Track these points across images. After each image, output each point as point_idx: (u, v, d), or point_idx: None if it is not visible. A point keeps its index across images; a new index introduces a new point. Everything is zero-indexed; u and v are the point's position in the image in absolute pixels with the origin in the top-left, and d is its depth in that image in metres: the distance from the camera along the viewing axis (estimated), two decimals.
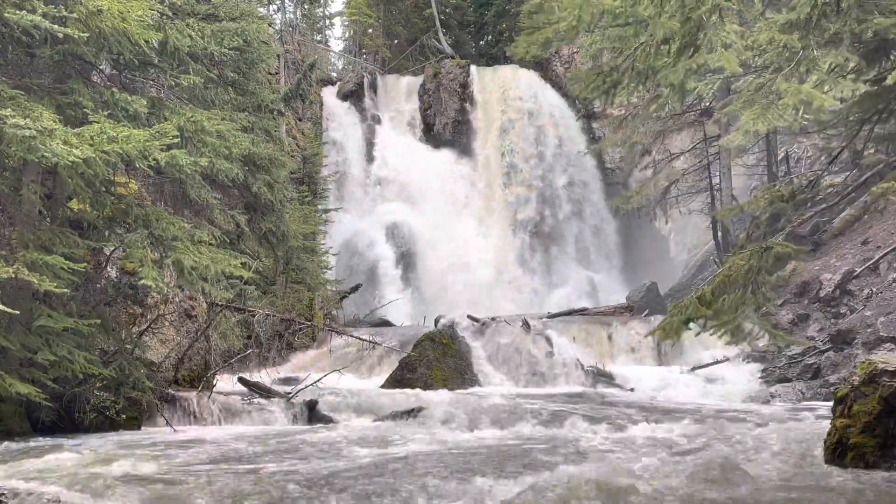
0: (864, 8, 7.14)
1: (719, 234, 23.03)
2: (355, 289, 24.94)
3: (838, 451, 7.42)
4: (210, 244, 11.42)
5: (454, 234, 30.89)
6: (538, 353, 17.52)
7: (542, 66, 34.63)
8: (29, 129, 9.24)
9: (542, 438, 10.14)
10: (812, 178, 9.69)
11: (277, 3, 37.05)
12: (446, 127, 33.41)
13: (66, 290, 10.02)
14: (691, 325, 8.44)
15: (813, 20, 7.08)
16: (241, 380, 14.09)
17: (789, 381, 14.80)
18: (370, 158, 32.55)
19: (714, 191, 23.95)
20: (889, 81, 7.51)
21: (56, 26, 10.10)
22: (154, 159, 10.13)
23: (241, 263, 11.68)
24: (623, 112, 24.78)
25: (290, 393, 13.54)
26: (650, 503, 6.46)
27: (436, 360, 16.41)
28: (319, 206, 25.91)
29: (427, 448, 9.60)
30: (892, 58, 8.46)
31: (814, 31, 7.13)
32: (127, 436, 11.10)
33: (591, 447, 9.40)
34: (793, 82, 7.27)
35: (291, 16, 39.28)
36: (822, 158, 21.86)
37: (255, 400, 13.26)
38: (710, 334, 8.72)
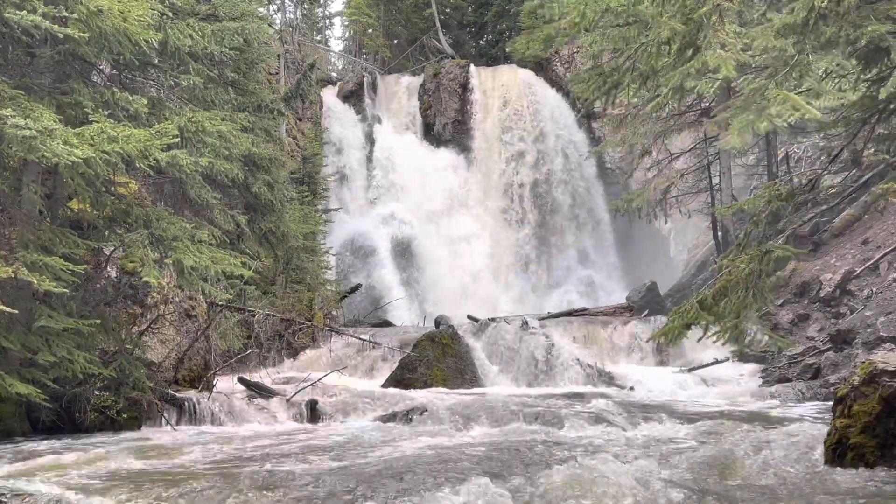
0: (860, 13, 7.12)
1: (719, 234, 23.04)
2: (355, 289, 24.95)
3: (838, 451, 7.41)
4: (210, 244, 11.42)
5: (454, 234, 30.93)
6: (538, 353, 17.49)
7: (542, 66, 34.60)
8: (29, 129, 9.24)
9: (541, 438, 10.14)
10: (812, 178, 9.69)
11: (277, 3, 37.06)
12: (446, 127, 33.41)
13: (66, 290, 10.02)
14: (692, 328, 8.46)
15: (810, 24, 7.05)
16: (240, 380, 14.09)
17: (789, 381, 14.80)
18: (370, 158, 32.54)
19: (714, 191, 23.94)
20: (882, 95, 7.51)
21: (56, 26, 10.10)
22: (154, 159, 10.14)
23: (242, 263, 11.69)
24: (623, 112, 24.75)
25: (290, 393, 13.55)
26: (650, 502, 6.47)
27: (436, 360, 16.40)
28: (319, 206, 25.89)
29: (426, 447, 9.60)
30: (891, 56, 8.46)
31: (810, 34, 7.10)
32: (127, 436, 11.12)
33: (590, 447, 9.39)
34: (785, 87, 7.25)
35: (291, 16, 39.28)
36: (822, 158, 21.85)
37: (254, 400, 13.27)
38: (714, 341, 8.72)
